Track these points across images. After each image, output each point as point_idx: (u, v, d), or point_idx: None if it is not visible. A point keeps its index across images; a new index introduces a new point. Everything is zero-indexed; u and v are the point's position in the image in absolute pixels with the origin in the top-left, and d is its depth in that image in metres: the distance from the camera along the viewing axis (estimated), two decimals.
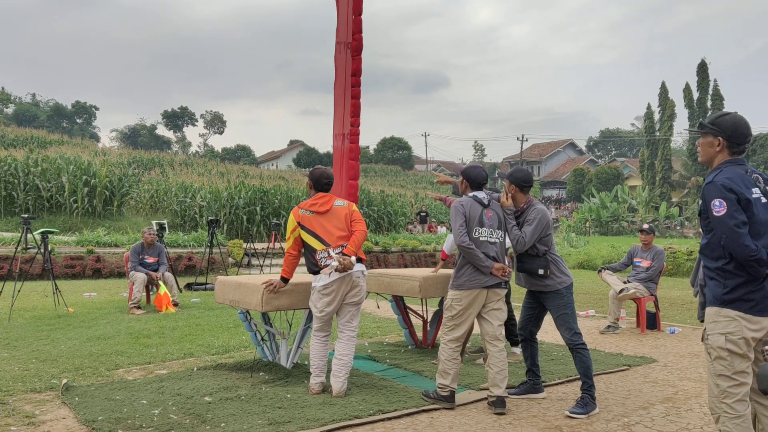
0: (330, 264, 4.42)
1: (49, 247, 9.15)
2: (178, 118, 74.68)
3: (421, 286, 5.53)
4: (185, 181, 23.55)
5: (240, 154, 68.18)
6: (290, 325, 5.59)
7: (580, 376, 4.35)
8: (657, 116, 43.44)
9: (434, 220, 29.41)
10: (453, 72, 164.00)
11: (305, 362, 5.18)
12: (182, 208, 20.86)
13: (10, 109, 68.26)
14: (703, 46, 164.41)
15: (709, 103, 40.36)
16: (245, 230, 19.22)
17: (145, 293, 9.20)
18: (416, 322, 6.52)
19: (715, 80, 40.84)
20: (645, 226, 7.82)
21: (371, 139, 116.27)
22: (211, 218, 12.77)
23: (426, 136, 76.90)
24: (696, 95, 41.01)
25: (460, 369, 4.62)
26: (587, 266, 17.40)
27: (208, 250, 12.62)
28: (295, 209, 4.69)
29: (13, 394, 4.51)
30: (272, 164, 64.40)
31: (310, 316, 4.96)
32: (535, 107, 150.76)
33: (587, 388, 4.29)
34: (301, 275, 5.05)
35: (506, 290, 4.52)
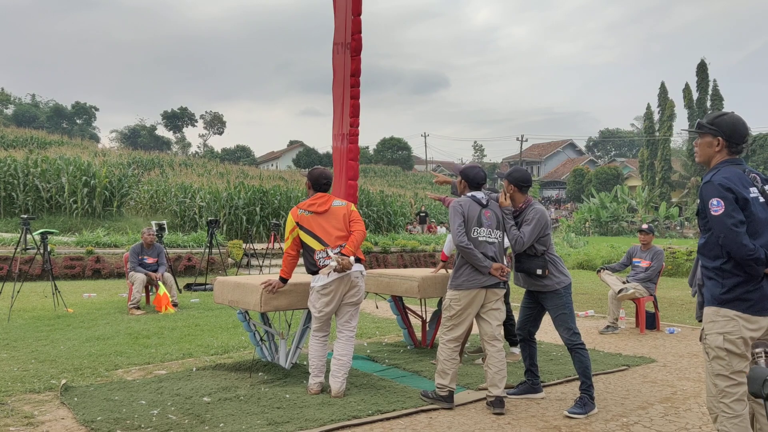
0: (328, 264, 4.42)
1: (49, 247, 9.14)
2: (178, 119, 74.64)
3: (420, 287, 5.53)
4: (185, 181, 23.57)
5: (240, 155, 68.15)
6: (289, 326, 5.59)
7: (579, 376, 4.34)
8: (656, 116, 43.49)
9: (434, 221, 29.40)
10: (452, 72, 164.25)
11: (304, 362, 5.19)
12: (182, 209, 20.87)
13: (9, 110, 68.24)
14: (703, 47, 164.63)
15: (709, 104, 40.38)
16: (245, 231, 19.22)
17: (144, 294, 9.21)
18: (415, 323, 6.52)
19: (715, 80, 40.97)
20: (644, 226, 7.82)
21: (371, 140, 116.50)
22: (211, 219, 12.76)
23: (425, 137, 76.65)
24: (696, 95, 41.04)
25: (459, 369, 4.63)
26: (587, 266, 17.39)
27: (208, 251, 12.62)
28: (294, 209, 4.69)
29: (12, 394, 4.51)
30: (272, 165, 64.38)
31: (309, 317, 4.96)
32: (535, 107, 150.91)
33: (586, 388, 4.29)
34: (299, 275, 5.05)
35: (505, 290, 4.52)
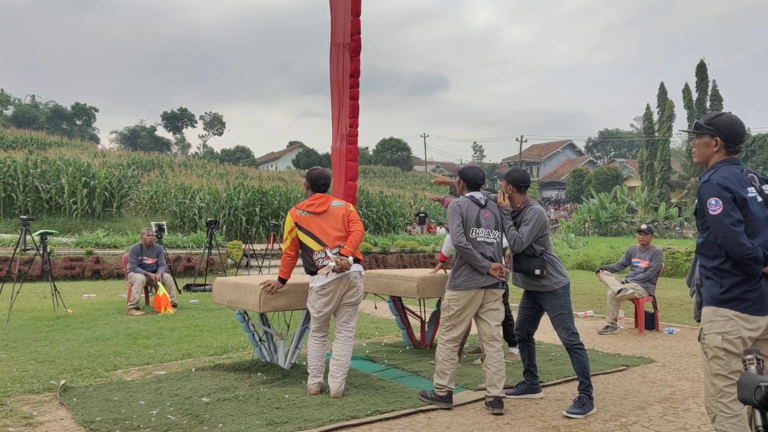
0: (327, 264, 4.42)
1: (48, 248, 9.14)
2: (178, 120, 74.65)
3: (419, 287, 5.53)
4: (184, 182, 23.58)
5: (239, 156, 68.19)
6: (288, 326, 5.59)
7: (578, 376, 4.35)
8: (656, 117, 43.49)
9: (433, 221, 29.41)
10: (452, 73, 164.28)
11: (303, 363, 5.19)
12: (181, 210, 20.87)
13: (9, 111, 68.19)
14: (702, 47, 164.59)
15: (708, 104, 40.38)
16: (244, 231, 19.21)
17: (143, 294, 9.21)
18: (414, 323, 6.52)
19: (714, 81, 40.97)
20: (643, 227, 7.82)
21: (370, 140, 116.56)
22: (210, 219, 12.77)
23: (425, 137, 76.56)
24: (695, 96, 41.04)
25: (458, 369, 4.63)
26: (586, 267, 17.40)
27: (207, 251, 12.62)
28: (293, 210, 4.70)
29: (11, 395, 4.51)
30: (271, 165, 64.37)
31: (308, 317, 4.96)
32: (534, 108, 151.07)
33: (585, 388, 4.29)
34: (298, 276, 5.06)
35: (504, 291, 4.52)
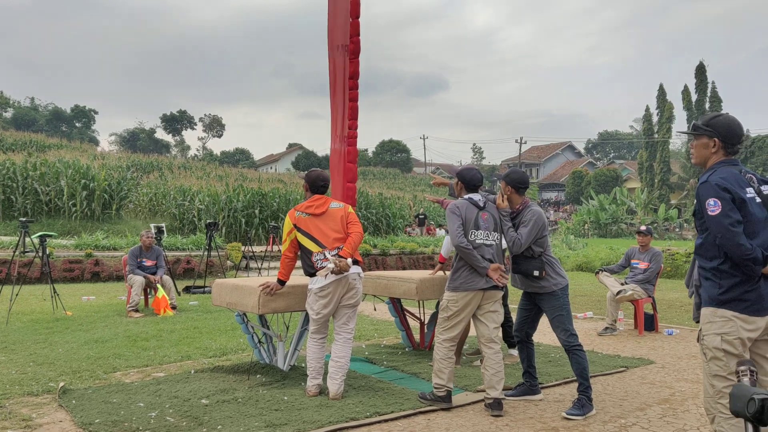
0: (326, 266, 4.42)
1: (48, 250, 9.14)
2: (177, 122, 74.69)
3: (418, 288, 5.53)
4: (184, 184, 23.57)
5: (239, 158, 68.18)
6: (287, 328, 5.59)
7: (577, 378, 4.34)
8: (655, 118, 43.52)
9: (432, 223, 29.41)
10: (452, 75, 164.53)
11: (302, 365, 5.19)
12: (181, 212, 20.87)
13: (8, 113, 68.18)
14: (701, 49, 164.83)
15: (708, 105, 40.41)
16: (243, 233, 19.20)
17: (143, 296, 9.20)
18: (413, 325, 6.52)
19: (713, 82, 41.00)
20: (642, 228, 7.82)
21: (370, 142, 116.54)
22: (210, 221, 12.76)
23: (424, 139, 76.73)
24: (694, 97, 41.08)
25: (457, 371, 4.63)
26: (586, 268, 17.39)
27: (207, 253, 12.62)
28: (291, 211, 4.70)
29: (10, 397, 4.51)
30: (271, 167, 64.40)
31: (307, 319, 4.96)
32: (534, 110, 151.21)
33: (584, 390, 4.28)
34: (297, 277, 5.05)
35: (503, 293, 4.52)
